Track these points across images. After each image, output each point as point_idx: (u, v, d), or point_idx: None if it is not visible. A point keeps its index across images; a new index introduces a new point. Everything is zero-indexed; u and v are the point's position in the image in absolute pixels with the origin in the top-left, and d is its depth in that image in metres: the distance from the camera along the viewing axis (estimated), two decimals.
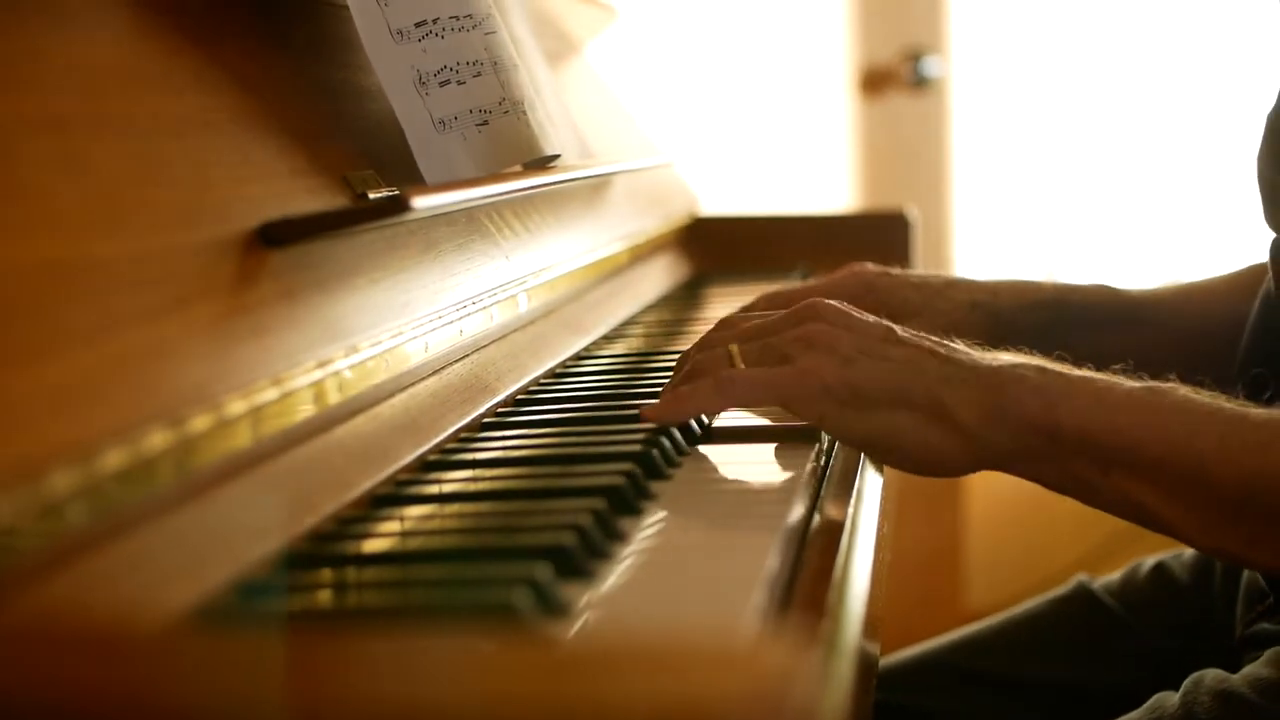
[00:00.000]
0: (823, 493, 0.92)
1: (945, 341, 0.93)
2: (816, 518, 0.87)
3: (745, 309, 1.25)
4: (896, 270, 1.33)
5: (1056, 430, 0.88)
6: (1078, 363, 0.92)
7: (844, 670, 0.68)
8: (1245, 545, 0.89)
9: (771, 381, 0.91)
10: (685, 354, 1.00)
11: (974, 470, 0.92)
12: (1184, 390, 0.89)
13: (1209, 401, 0.89)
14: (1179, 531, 0.90)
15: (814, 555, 0.80)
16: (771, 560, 0.73)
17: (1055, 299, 1.28)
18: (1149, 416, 0.88)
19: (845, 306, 0.95)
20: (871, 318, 0.95)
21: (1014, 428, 0.89)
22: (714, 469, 0.92)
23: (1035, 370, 0.90)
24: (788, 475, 0.90)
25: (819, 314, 0.94)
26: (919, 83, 2.97)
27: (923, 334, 0.94)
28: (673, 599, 0.69)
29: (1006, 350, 0.93)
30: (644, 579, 0.72)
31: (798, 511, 0.83)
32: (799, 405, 0.91)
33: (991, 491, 3.06)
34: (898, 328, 0.94)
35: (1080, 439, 0.88)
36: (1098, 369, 0.91)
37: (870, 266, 1.32)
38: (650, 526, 0.80)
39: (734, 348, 0.93)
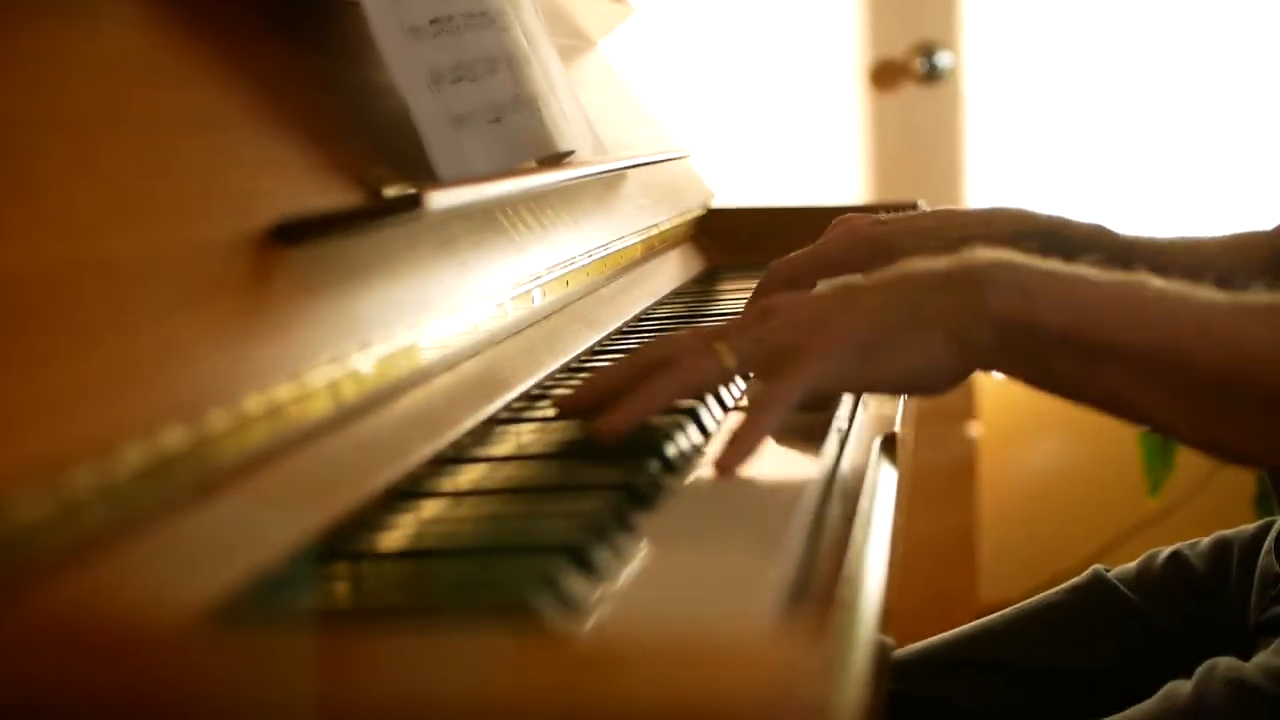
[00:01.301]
0: (836, 485, 0.92)
1: (902, 264, 0.94)
2: (830, 510, 0.87)
3: (761, 283, 1.26)
4: (886, 216, 1.33)
5: (1037, 326, 0.88)
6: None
7: (858, 664, 0.68)
8: (1231, 433, 0.89)
9: (799, 378, 0.90)
10: (645, 349, 0.98)
11: (967, 374, 0.92)
12: (1156, 281, 0.89)
13: (1185, 290, 0.89)
14: (1164, 423, 0.90)
15: (828, 548, 0.81)
16: (786, 554, 0.73)
17: (1049, 229, 1.27)
18: (1127, 308, 0.88)
19: (796, 295, 0.97)
20: (825, 288, 0.97)
21: (996, 324, 0.89)
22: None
23: (1008, 266, 0.90)
24: (801, 468, 0.90)
25: (780, 302, 0.95)
26: (931, 75, 2.96)
27: (876, 272, 0.95)
28: (687, 593, 0.70)
29: (970, 247, 0.94)
30: (658, 574, 0.72)
31: (811, 504, 0.84)
32: (826, 380, 0.91)
33: (1005, 483, 3.06)
34: (851, 281, 0.95)
35: (1062, 334, 0.88)
36: None
37: (859, 219, 1.31)
38: (664, 519, 0.81)
39: (719, 345, 0.93)
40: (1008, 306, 0.89)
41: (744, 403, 1.05)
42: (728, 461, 0.90)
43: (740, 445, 0.89)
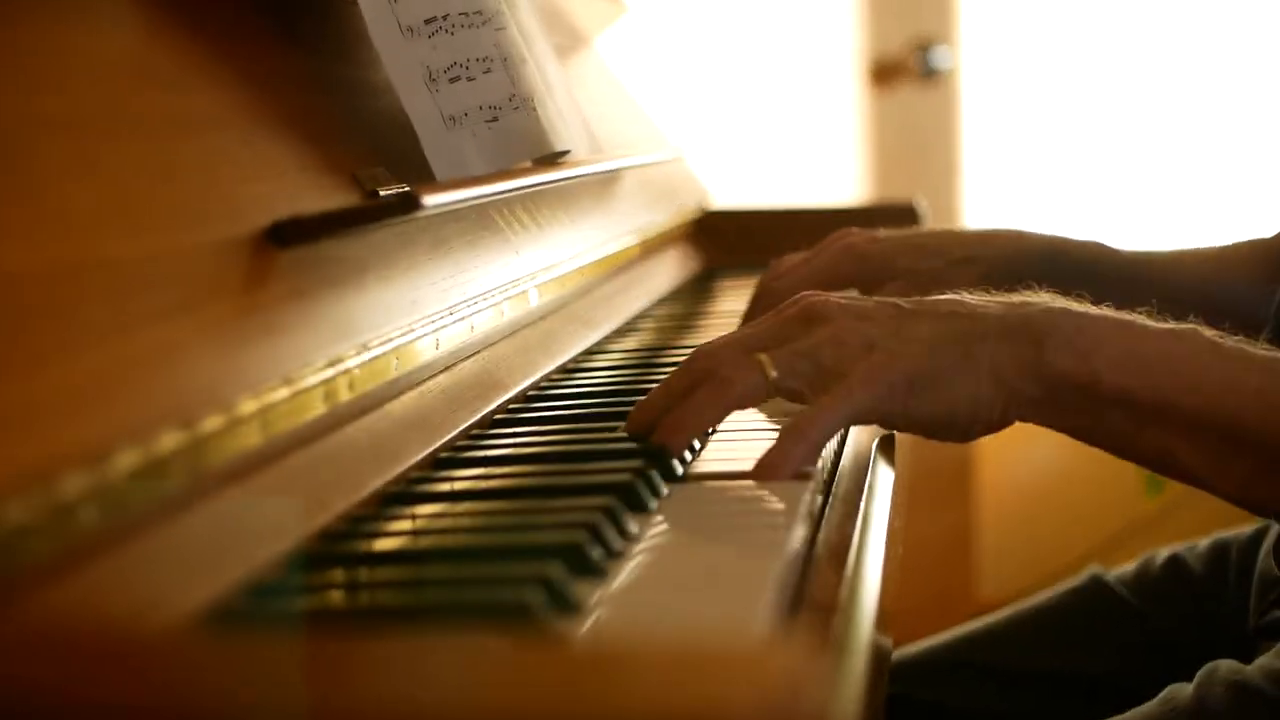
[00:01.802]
0: (835, 487, 0.92)
1: (954, 297, 0.93)
2: (829, 512, 0.87)
3: (757, 293, 1.25)
4: (884, 233, 1.32)
5: (1094, 385, 0.88)
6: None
7: (857, 668, 0.68)
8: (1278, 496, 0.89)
9: (841, 408, 0.89)
10: (690, 363, 0.94)
11: (1005, 425, 0.91)
12: (1209, 334, 0.89)
13: (1240, 349, 0.88)
14: (1213, 485, 0.90)
15: (826, 551, 0.80)
16: (783, 556, 0.72)
17: (1048, 248, 1.27)
18: (1183, 368, 0.87)
19: (840, 297, 0.94)
20: (871, 301, 0.94)
21: (1051, 381, 0.88)
22: (725, 465, 0.92)
23: (1064, 316, 0.89)
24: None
25: (827, 313, 0.93)
26: (928, 74, 2.96)
27: (924, 298, 0.94)
28: (685, 596, 0.69)
29: (1017, 292, 0.93)
30: (656, 576, 0.72)
31: (810, 506, 0.83)
32: (871, 413, 0.90)
33: (1003, 483, 3.06)
34: (900, 301, 0.93)
35: (1117, 391, 0.88)
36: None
37: (857, 235, 1.31)
38: (662, 522, 0.80)
39: (762, 357, 0.91)
40: (1064, 365, 0.88)
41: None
42: (765, 474, 0.88)
43: (773, 474, 0.88)
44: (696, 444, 0.95)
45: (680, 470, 0.90)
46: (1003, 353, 0.89)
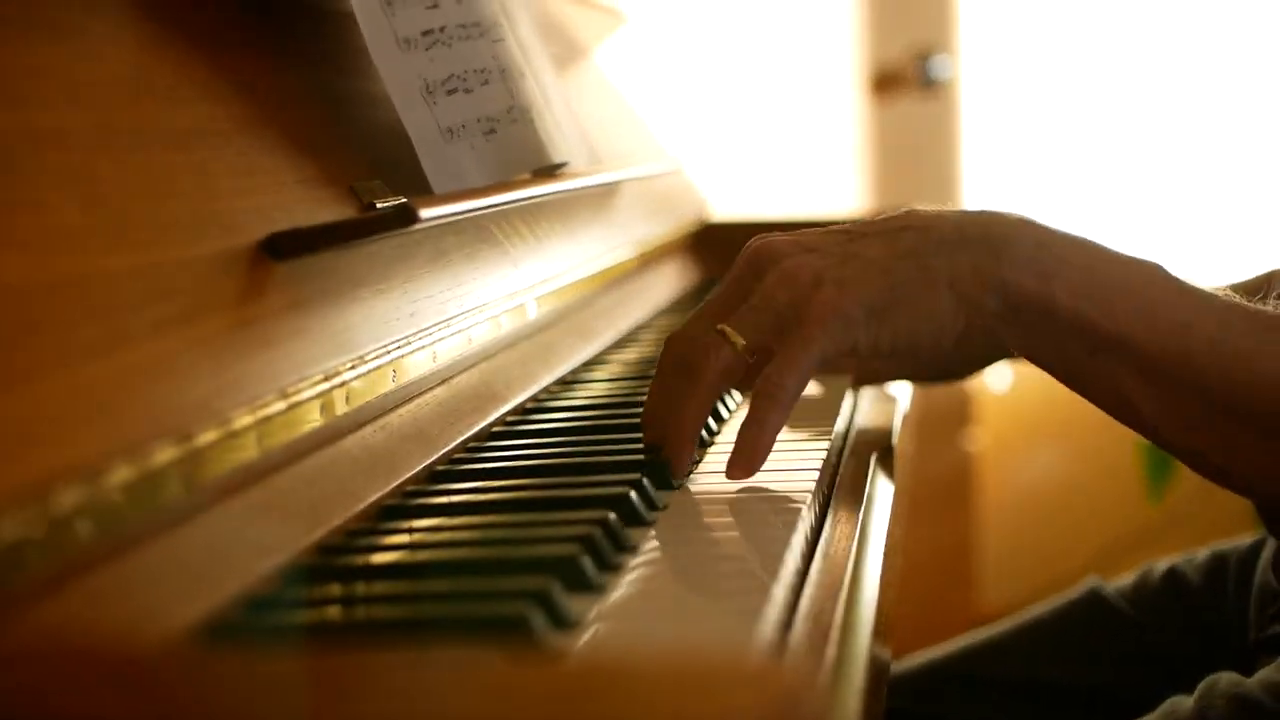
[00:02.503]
0: (833, 499, 0.92)
1: (904, 211, 0.92)
2: (827, 525, 0.87)
3: None
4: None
5: (1051, 307, 0.87)
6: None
7: (856, 681, 0.68)
8: (1223, 450, 0.88)
9: (802, 357, 0.87)
10: (666, 353, 0.94)
11: (970, 336, 0.89)
12: (1172, 272, 0.88)
13: (1203, 291, 0.87)
14: (1157, 426, 0.89)
15: (825, 563, 0.80)
16: (782, 570, 0.72)
17: None
18: (1141, 301, 0.86)
19: (785, 236, 0.93)
20: (816, 230, 0.93)
21: (1009, 296, 0.87)
22: (722, 477, 0.92)
23: (1023, 226, 0.88)
24: (797, 483, 0.89)
25: (773, 253, 0.91)
26: (928, 84, 2.96)
27: (870, 220, 0.92)
28: (682, 611, 0.69)
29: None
30: (654, 591, 0.72)
31: (808, 519, 0.83)
32: (834, 349, 0.88)
33: (1003, 493, 3.06)
34: (849, 225, 0.92)
35: (1073, 318, 0.87)
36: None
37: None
38: (660, 536, 0.80)
39: (725, 328, 0.90)
40: (1023, 282, 0.87)
41: (741, 411, 1.03)
42: (745, 469, 0.88)
43: (754, 448, 0.88)
44: (695, 455, 0.94)
45: (677, 482, 0.90)
46: (961, 262, 0.87)
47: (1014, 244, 0.87)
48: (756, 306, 0.90)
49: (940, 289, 0.87)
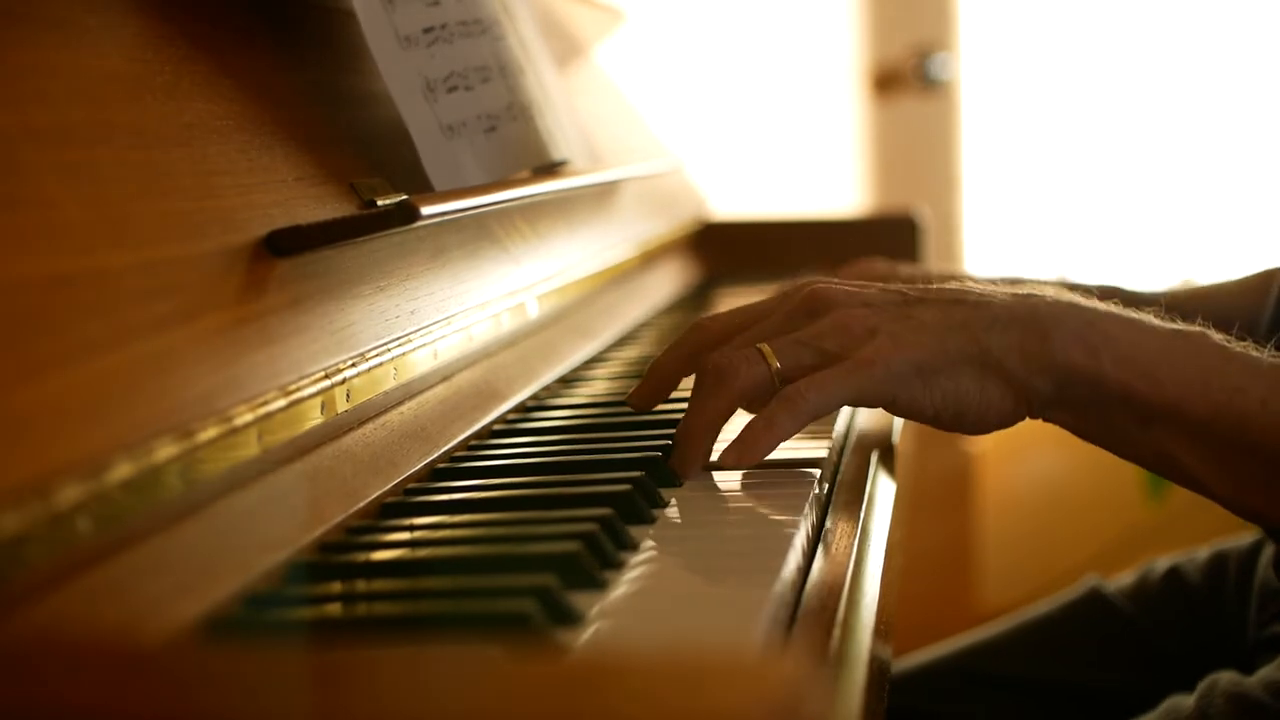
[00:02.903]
0: (834, 499, 0.92)
1: (958, 285, 0.92)
2: (828, 524, 0.87)
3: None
4: (904, 268, 1.32)
5: (1100, 381, 0.87)
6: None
7: (857, 679, 0.68)
8: (1273, 504, 0.89)
9: (841, 382, 0.88)
10: (704, 360, 0.94)
11: (1016, 419, 0.91)
12: (1217, 337, 0.89)
13: (1246, 354, 0.88)
14: (1211, 489, 0.90)
15: (826, 562, 0.80)
16: (784, 568, 0.72)
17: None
18: (1189, 371, 0.87)
19: (845, 284, 0.94)
20: (874, 286, 0.94)
21: (1059, 375, 0.88)
22: (724, 476, 0.92)
23: (1072, 309, 0.89)
24: (798, 482, 0.89)
25: (831, 300, 0.92)
26: (929, 84, 2.96)
27: (928, 283, 0.93)
28: (684, 608, 0.69)
29: (1025, 283, 0.92)
30: (655, 588, 0.72)
31: (809, 518, 0.83)
32: (870, 394, 0.89)
33: (1004, 492, 3.06)
34: (904, 286, 0.93)
35: (1123, 391, 0.87)
36: None
37: (879, 264, 1.31)
38: (661, 533, 0.80)
39: (764, 347, 0.91)
40: (1072, 358, 0.87)
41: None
42: (737, 458, 0.88)
43: (755, 444, 0.88)
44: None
45: (683, 479, 0.90)
46: (1010, 343, 0.88)
47: (1062, 325, 0.88)
48: (802, 341, 0.91)
49: (989, 366, 0.88)
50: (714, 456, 0.91)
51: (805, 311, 0.93)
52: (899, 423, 1.14)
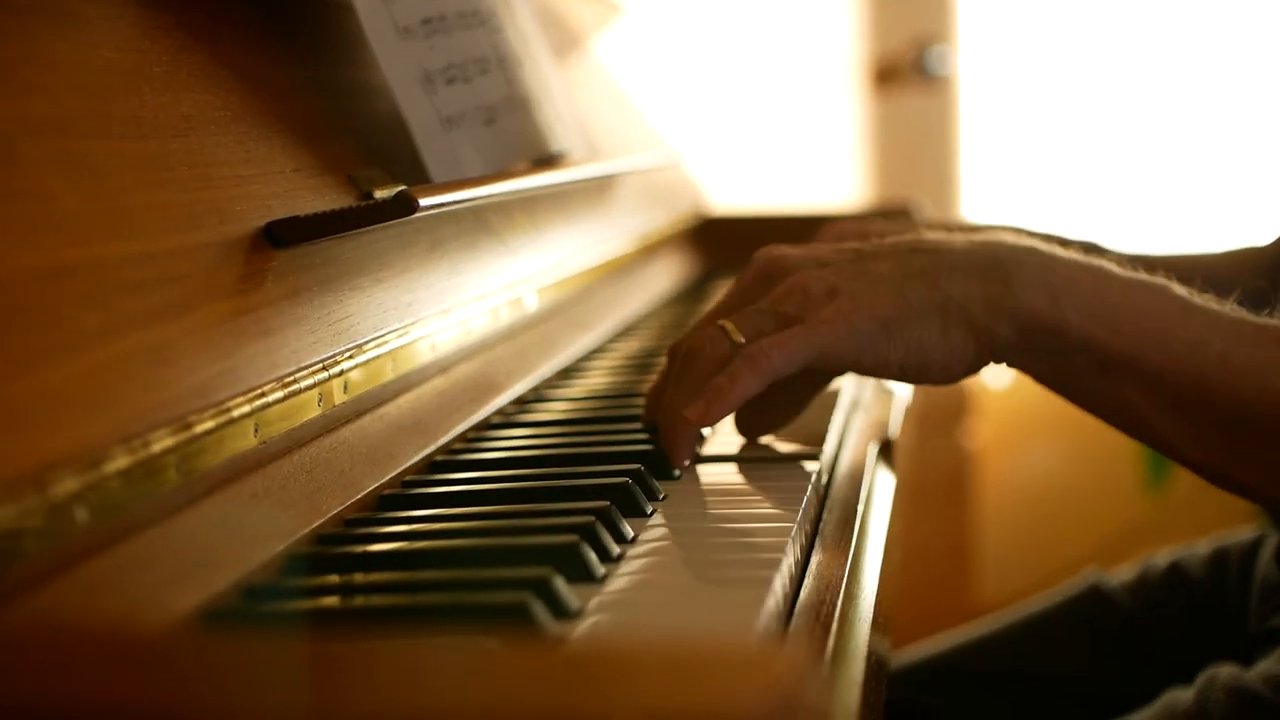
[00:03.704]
0: (833, 493, 0.92)
1: (913, 236, 0.92)
2: (827, 518, 0.87)
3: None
4: (874, 225, 1.32)
5: (1062, 328, 0.87)
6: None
7: (855, 672, 0.68)
8: (1234, 462, 0.88)
9: (803, 340, 0.88)
10: (673, 349, 0.95)
11: (981, 367, 0.90)
12: (1179, 290, 0.88)
13: (1208, 308, 0.87)
14: (1168, 441, 0.89)
15: (824, 555, 0.80)
16: (782, 562, 0.72)
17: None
18: (1151, 322, 0.87)
19: (798, 248, 0.94)
20: (827, 245, 0.93)
21: (1021, 320, 0.87)
22: (722, 469, 0.91)
23: (1032, 254, 0.88)
24: (796, 475, 0.89)
25: (786, 265, 0.92)
26: (927, 77, 2.96)
27: (884, 238, 0.93)
28: (682, 601, 0.69)
29: (982, 229, 0.92)
30: (653, 580, 0.71)
31: (808, 512, 0.83)
32: (835, 353, 0.88)
33: (1003, 483, 3.06)
34: (859, 244, 0.92)
35: (1084, 339, 0.87)
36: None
37: (850, 225, 1.30)
38: (659, 527, 0.80)
39: (726, 323, 0.90)
40: (1034, 304, 0.87)
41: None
42: (701, 414, 0.88)
43: (719, 399, 0.88)
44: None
45: (677, 472, 0.90)
46: (971, 289, 0.88)
47: (1023, 269, 0.88)
48: (762, 310, 0.90)
49: (951, 313, 0.88)
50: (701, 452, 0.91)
51: (762, 280, 0.92)
52: (897, 416, 1.14)
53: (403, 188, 0.89)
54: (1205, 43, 3.08)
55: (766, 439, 0.97)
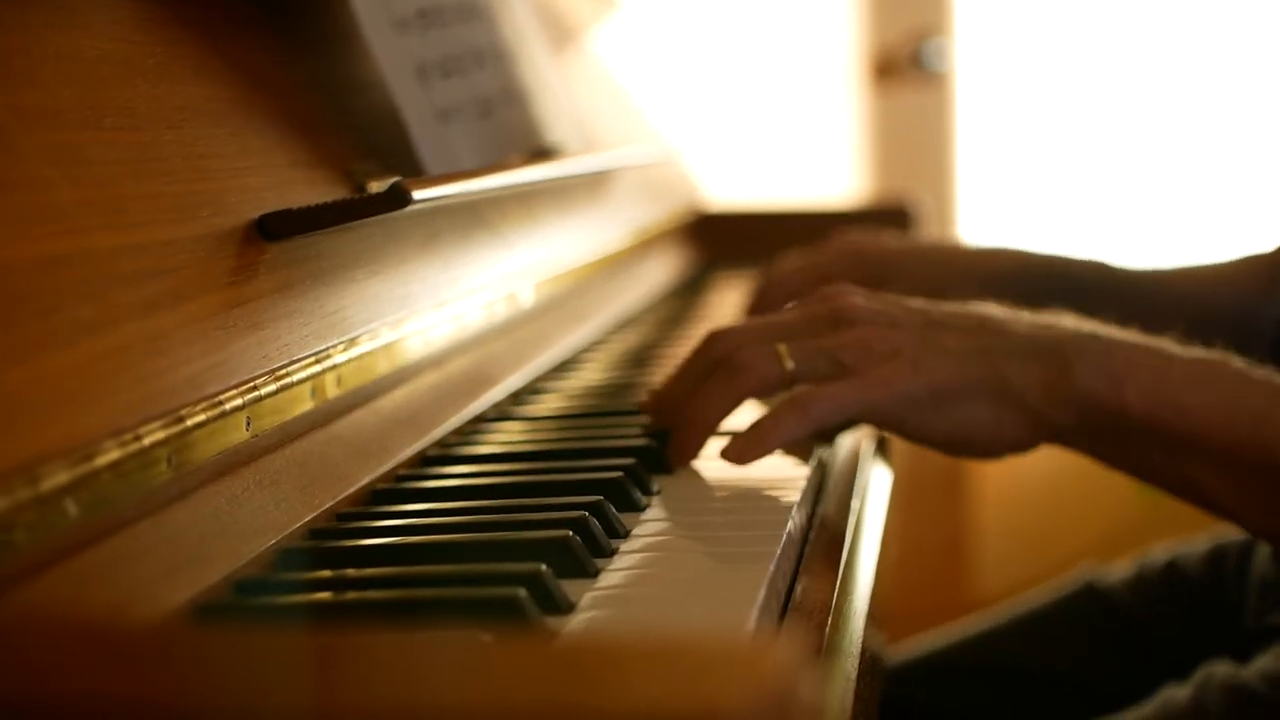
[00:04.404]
0: (828, 488, 0.91)
1: (981, 311, 0.92)
2: (822, 512, 0.86)
3: (758, 291, 1.25)
4: (888, 238, 1.32)
5: (1124, 412, 0.87)
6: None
7: (849, 667, 0.68)
8: None
9: (853, 396, 0.88)
10: (709, 345, 0.93)
11: (1032, 447, 0.91)
12: (1237, 363, 0.89)
13: (1269, 380, 0.88)
14: (1237, 515, 0.90)
15: (819, 552, 0.80)
16: (776, 558, 0.72)
17: (1050, 267, 1.26)
18: (1213, 399, 0.87)
19: (872, 298, 0.93)
20: (901, 304, 0.93)
21: (1081, 407, 0.88)
22: (717, 463, 0.91)
23: (1093, 340, 0.89)
24: (791, 470, 0.89)
25: (857, 315, 0.91)
26: (925, 72, 2.96)
27: (956, 306, 0.93)
28: (675, 596, 0.69)
29: (1046, 312, 0.92)
30: (647, 575, 0.71)
31: (803, 506, 0.83)
32: (881, 416, 0.89)
33: (1001, 479, 3.06)
34: (929, 307, 0.92)
35: (1147, 421, 0.87)
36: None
37: (861, 237, 1.30)
38: (653, 522, 0.80)
39: (781, 347, 0.90)
40: (1095, 390, 0.87)
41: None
42: (739, 454, 0.87)
43: (759, 442, 0.87)
44: None
45: (677, 467, 0.89)
46: (1031, 374, 0.88)
47: (1084, 355, 0.88)
48: (823, 348, 0.90)
49: (1007, 396, 0.88)
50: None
51: (830, 320, 0.92)
52: None
53: (396, 180, 0.89)
54: (1205, 37, 3.07)
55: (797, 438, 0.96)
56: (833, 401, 0.88)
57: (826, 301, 0.93)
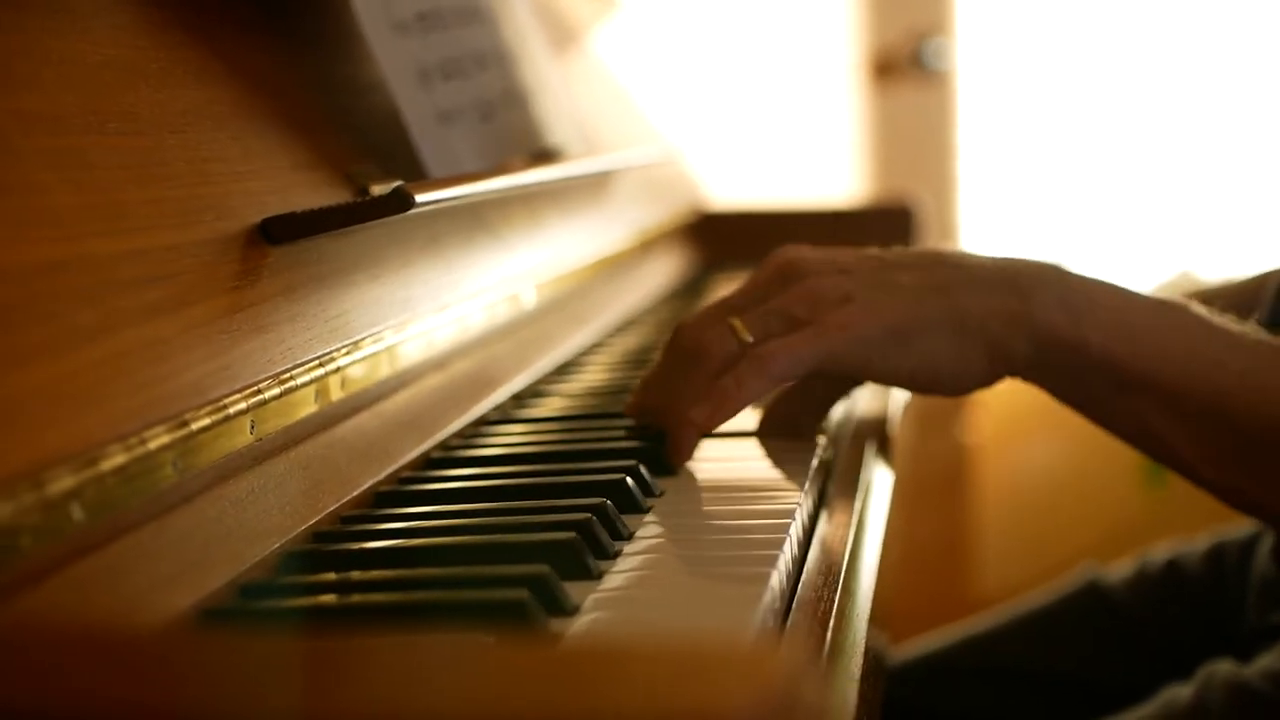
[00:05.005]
0: (830, 489, 0.91)
1: (935, 249, 0.92)
2: (825, 514, 0.86)
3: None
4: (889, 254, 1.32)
5: (1081, 347, 0.87)
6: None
7: (852, 668, 0.68)
8: (1252, 482, 0.89)
9: (810, 345, 0.87)
10: (674, 340, 0.94)
11: (994, 382, 0.90)
12: (1199, 310, 0.88)
13: (1228, 328, 0.88)
14: (1185, 460, 0.89)
15: (822, 551, 0.80)
16: (779, 557, 0.72)
17: None
18: (1170, 341, 0.87)
19: (819, 251, 0.93)
20: (851, 251, 0.93)
21: (1039, 338, 0.87)
22: (719, 464, 0.91)
23: (1053, 273, 0.89)
24: (793, 470, 0.89)
25: (804, 268, 0.91)
26: (926, 71, 2.96)
27: (909, 249, 0.93)
28: (679, 598, 0.69)
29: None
30: (650, 577, 0.71)
31: (804, 507, 0.83)
32: (844, 360, 0.88)
33: (1001, 479, 3.06)
34: (882, 252, 0.92)
35: (1104, 358, 0.87)
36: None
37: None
38: (656, 523, 0.80)
39: (735, 321, 0.90)
40: (1053, 321, 0.87)
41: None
42: (707, 418, 0.87)
43: (723, 404, 0.87)
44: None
45: (677, 467, 0.90)
46: (990, 304, 0.88)
47: (1044, 287, 0.88)
48: (774, 310, 0.90)
49: (967, 328, 0.88)
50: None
51: (779, 280, 0.92)
52: (896, 412, 1.14)
53: (399, 184, 0.89)
54: (1206, 37, 3.07)
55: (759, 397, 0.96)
56: (790, 353, 0.87)
57: (772, 261, 0.93)
